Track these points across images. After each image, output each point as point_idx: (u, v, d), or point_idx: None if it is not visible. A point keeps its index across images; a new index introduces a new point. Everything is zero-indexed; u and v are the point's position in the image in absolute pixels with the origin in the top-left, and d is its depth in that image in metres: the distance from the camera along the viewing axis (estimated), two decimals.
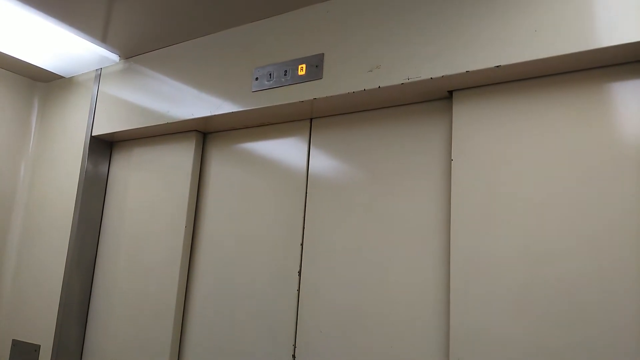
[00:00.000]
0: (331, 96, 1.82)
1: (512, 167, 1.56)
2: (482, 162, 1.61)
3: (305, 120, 2.11)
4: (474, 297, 1.54)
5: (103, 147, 2.71)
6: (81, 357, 2.55)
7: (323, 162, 2.04)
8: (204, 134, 2.43)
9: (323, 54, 1.86)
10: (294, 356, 1.93)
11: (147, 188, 2.52)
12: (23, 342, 2.59)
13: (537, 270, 1.46)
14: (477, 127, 1.64)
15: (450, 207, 1.66)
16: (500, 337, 1.48)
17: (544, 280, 1.45)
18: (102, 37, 2.38)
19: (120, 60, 2.60)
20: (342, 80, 1.80)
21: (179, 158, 2.41)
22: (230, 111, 2.08)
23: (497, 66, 1.51)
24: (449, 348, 1.57)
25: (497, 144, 1.60)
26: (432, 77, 1.62)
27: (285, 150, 2.15)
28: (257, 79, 2.00)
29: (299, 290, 1.97)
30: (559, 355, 1.40)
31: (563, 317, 1.40)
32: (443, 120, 1.77)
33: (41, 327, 2.53)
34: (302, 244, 2.00)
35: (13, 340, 2.63)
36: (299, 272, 1.98)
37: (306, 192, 2.04)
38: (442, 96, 1.77)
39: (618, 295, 1.35)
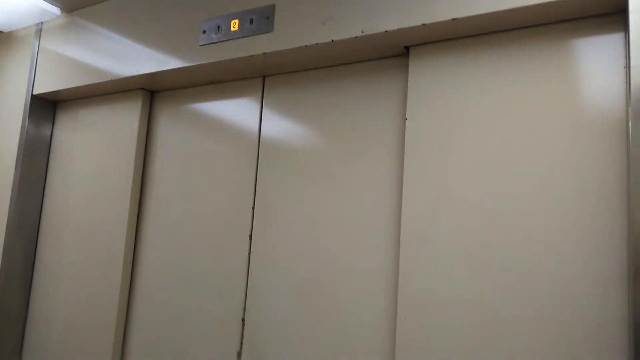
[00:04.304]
0: (283, 50, 1.73)
1: (469, 127, 1.51)
2: (438, 121, 1.55)
3: (257, 77, 2.01)
4: (423, 260, 1.51)
5: (46, 107, 2.56)
6: (25, 325, 2.45)
7: (276, 122, 1.95)
8: (152, 92, 2.31)
9: (274, 5, 1.75)
10: (243, 320, 1.88)
11: (93, 150, 2.40)
12: None
13: (491, 233, 1.43)
14: (433, 85, 1.58)
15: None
16: (448, 299, 1.45)
17: (497, 243, 1.42)
18: None
19: (61, 13, 2.43)
20: (294, 34, 1.70)
21: (125, 118, 2.29)
22: (177, 67, 1.97)
23: (454, 19, 1.44)
24: (397, 313, 1.53)
25: (454, 103, 1.54)
26: (387, 30, 1.54)
27: (237, 110, 2.05)
28: (204, 32, 1.88)
29: (249, 254, 1.91)
30: (507, 317, 1.38)
31: (515, 280, 1.38)
32: (400, 78, 1.70)
33: None
34: (253, 207, 1.93)
35: None
36: (250, 236, 1.91)
37: (258, 154, 1.96)
38: (398, 52, 1.69)
39: (570, 259, 1.32)
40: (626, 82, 1.31)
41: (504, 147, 1.45)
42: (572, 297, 1.31)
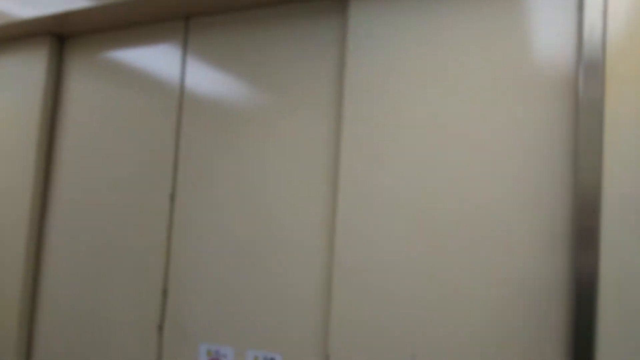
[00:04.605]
0: None
1: (412, 74, 1.41)
2: (379, 68, 1.45)
3: (180, 19, 1.81)
4: (361, 221, 1.43)
5: None
6: None
7: (200, 70, 1.78)
8: (61, 39, 2.06)
9: None
10: (164, 290, 1.73)
11: None
12: None
13: (433, 191, 1.36)
14: (375, 27, 1.47)
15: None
16: (386, 261, 1.39)
17: (438, 201, 1.35)
18: None
19: None
20: None
21: (31, 68, 2.03)
22: (89, 5, 1.75)
23: None
24: (333, 277, 1.45)
25: (397, 49, 1.44)
26: None
27: (157, 56, 1.86)
28: None
29: (171, 216, 1.74)
30: (447, 279, 1.32)
31: (457, 241, 1.32)
32: (340, 20, 1.56)
33: None
34: (175, 165, 1.76)
35: None
36: (171, 196, 1.74)
37: (180, 106, 1.78)
38: None
39: (515, 218, 1.27)
40: (578, 23, 1.24)
41: (450, 96, 1.37)
42: (515, 256, 1.26)
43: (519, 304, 1.24)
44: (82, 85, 2.00)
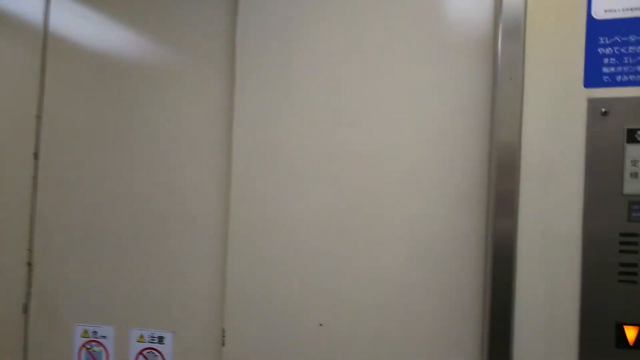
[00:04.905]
0: None
1: (315, 27, 1.30)
2: (280, 11, 1.32)
3: None
4: (257, 180, 1.33)
5: None
6: None
7: (69, 7, 1.53)
8: None
9: None
10: (29, 263, 1.52)
11: None
12: None
13: (336, 146, 1.28)
14: None
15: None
16: (286, 227, 1.30)
17: (344, 159, 1.27)
18: None
19: None
20: None
21: None
22: None
23: None
24: (228, 245, 1.34)
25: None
26: None
27: None
28: None
29: (35, 177, 1.52)
30: (351, 241, 1.25)
31: (364, 200, 1.25)
32: None
33: None
34: (39, 116, 1.53)
35: None
36: (35, 155, 1.52)
37: (45, 51, 1.54)
38: None
39: (429, 183, 1.22)
40: None
41: (358, 53, 1.27)
42: (431, 220, 1.22)
43: (435, 268, 1.19)
44: None
